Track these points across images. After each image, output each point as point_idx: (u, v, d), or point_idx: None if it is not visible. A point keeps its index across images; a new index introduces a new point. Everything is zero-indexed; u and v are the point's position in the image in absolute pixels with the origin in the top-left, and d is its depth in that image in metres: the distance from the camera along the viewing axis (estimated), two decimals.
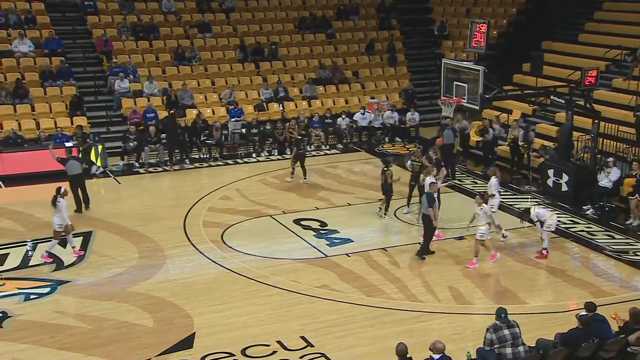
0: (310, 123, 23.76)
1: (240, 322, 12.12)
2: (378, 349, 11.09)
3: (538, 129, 21.82)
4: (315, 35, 28.27)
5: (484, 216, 14.22)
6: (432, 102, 25.27)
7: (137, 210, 17.73)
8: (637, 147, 18.56)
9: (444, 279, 13.92)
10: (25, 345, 11.39)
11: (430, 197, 14.55)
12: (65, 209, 14.60)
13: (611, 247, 15.46)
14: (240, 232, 16.25)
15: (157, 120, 22.63)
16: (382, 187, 16.95)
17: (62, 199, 14.55)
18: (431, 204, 14.47)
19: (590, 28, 25.78)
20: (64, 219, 14.55)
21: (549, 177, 18.69)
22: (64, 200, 14.60)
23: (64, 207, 14.58)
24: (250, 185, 19.90)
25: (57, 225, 14.53)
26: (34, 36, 24.61)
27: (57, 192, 14.61)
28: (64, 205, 14.60)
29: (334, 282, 13.66)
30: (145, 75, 24.46)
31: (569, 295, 13.28)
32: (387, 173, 16.71)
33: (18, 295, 13.17)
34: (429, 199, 14.50)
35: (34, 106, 22.64)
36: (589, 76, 17.98)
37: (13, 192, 19.38)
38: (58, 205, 14.47)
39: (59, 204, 14.47)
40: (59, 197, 14.51)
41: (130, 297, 13.04)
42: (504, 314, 9.89)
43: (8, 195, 19.07)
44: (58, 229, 14.55)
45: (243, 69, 26.02)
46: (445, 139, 20.27)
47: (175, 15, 27.22)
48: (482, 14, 28.80)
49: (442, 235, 15.76)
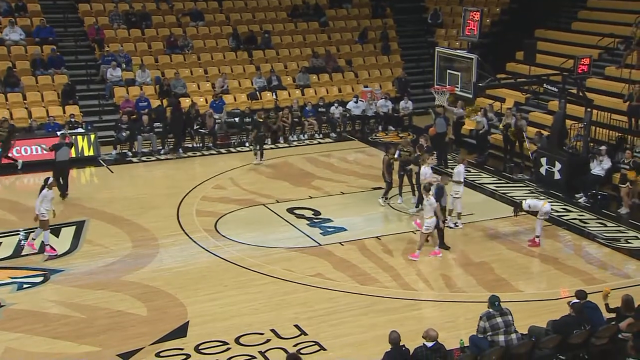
0: (304, 112, 23.72)
1: (234, 311, 12.13)
2: (372, 337, 11.13)
3: (531, 117, 21.85)
4: (309, 24, 28.16)
5: (430, 208, 13.87)
6: (426, 90, 25.22)
7: (130, 199, 17.69)
8: (631, 136, 18.60)
9: (437, 267, 13.97)
10: (19, 335, 11.39)
11: (440, 190, 14.41)
12: (47, 199, 14.20)
13: (603, 234, 15.53)
14: (234, 221, 16.25)
15: (150, 109, 22.57)
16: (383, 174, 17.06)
17: (46, 190, 14.25)
18: (439, 197, 14.27)
19: (583, 16, 25.76)
20: (42, 208, 14.12)
21: (542, 165, 18.73)
22: (47, 191, 14.25)
23: (42, 197, 14.16)
24: (243, 174, 19.87)
25: (41, 214, 14.22)
26: (25, 24, 24.44)
27: (45, 183, 14.46)
28: (45, 195, 14.19)
29: (327, 270, 13.69)
30: (138, 64, 24.33)
31: (561, 282, 13.34)
32: (384, 159, 16.76)
33: (11, 284, 13.15)
34: (438, 193, 14.31)
35: (26, 95, 22.51)
36: (582, 64, 18.01)
37: (4, 181, 19.29)
38: (40, 195, 14.22)
39: (41, 194, 14.21)
40: (45, 188, 14.33)
41: (124, 286, 13.04)
42: (497, 302, 9.93)
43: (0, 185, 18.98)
44: (42, 218, 14.27)
45: (236, 57, 25.92)
46: (438, 128, 20.28)
47: (167, 4, 27.06)
48: (476, 2, 28.69)
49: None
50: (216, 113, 22.73)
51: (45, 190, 14.31)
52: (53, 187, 14.71)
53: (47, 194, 14.30)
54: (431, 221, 13.94)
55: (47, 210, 14.27)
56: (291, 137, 23.11)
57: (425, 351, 9.20)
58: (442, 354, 9.32)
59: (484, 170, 20.08)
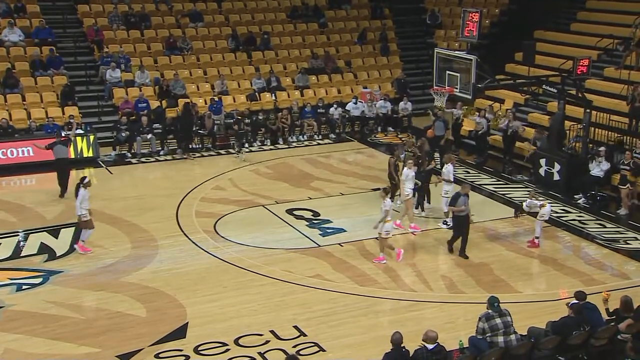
0: (303, 113, 23.72)
1: (233, 312, 12.13)
2: (371, 338, 11.13)
3: (530, 118, 21.87)
4: (308, 25, 28.17)
5: (387, 212, 13.71)
6: (425, 91, 25.25)
7: (129, 200, 17.68)
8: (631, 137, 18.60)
9: (436, 268, 13.98)
10: (18, 336, 11.38)
11: (456, 196, 14.26)
12: (85, 199, 14.25)
13: (602, 236, 15.53)
14: (233, 222, 16.24)
15: (149, 110, 22.57)
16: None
17: (83, 189, 14.28)
18: (453, 202, 14.30)
19: (582, 17, 25.78)
20: (79, 208, 14.25)
21: (541, 166, 18.74)
22: (84, 190, 14.29)
23: (83, 197, 14.24)
24: (243, 175, 19.87)
25: (82, 214, 14.30)
26: (24, 25, 24.44)
27: (81, 182, 14.42)
28: (83, 195, 14.26)
29: (326, 271, 13.69)
30: (137, 65, 24.33)
31: (560, 283, 13.35)
32: (389, 161, 16.78)
33: (10, 285, 13.14)
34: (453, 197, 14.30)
35: (25, 96, 22.51)
36: (581, 65, 18.02)
37: (4, 182, 19.27)
38: (78, 195, 14.26)
39: (79, 193, 14.26)
40: (80, 187, 14.32)
41: (123, 287, 13.03)
42: (497, 302, 9.93)
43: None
44: (85, 219, 14.35)
45: (235, 58, 25.92)
46: (436, 131, 20.32)
47: (166, 5, 27.07)
48: (475, 3, 28.76)
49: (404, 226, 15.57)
50: (215, 115, 22.73)
51: (82, 189, 14.28)
52: (89, 186, 14.57)
53: (85, 194, 14.30)
54: (389, 225, 13.80)
55: (87, 209, 14.28)
56: (290, 138, 23.12)
57: (425, 353, 9.20)
58: (442, 356, 9.32)
59: (484, 171, 20.09)
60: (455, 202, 14.17)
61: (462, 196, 14.12)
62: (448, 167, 15.82)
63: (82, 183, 14.39)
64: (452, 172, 15.91)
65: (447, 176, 15.71)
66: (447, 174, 15.75)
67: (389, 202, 13.75)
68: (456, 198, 14.19)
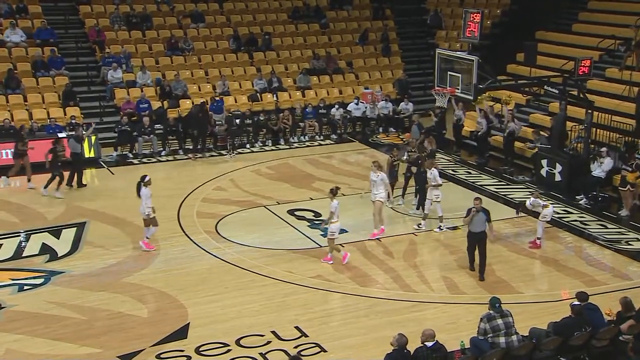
0: (304, 114, 23.73)
1: (234, 313, 12.14)
2: (372, 339, 11.14)
3: (532, 119, 21.86)
4: (309, 26, 28.18)
5: (336, 213, 13.68)
6: (426, 92, 25.25)
7: (131, 201, 17.61)
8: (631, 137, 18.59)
9: (437, 269, 13.97)
10: (19, 336, 11.39)
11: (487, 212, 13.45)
12: (148, 197, 14.30)
13: (604, 236, 15.52)
14: (235, 223, 16.25)
15: (151, 111, 22.58)
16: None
17: (144, 188, 14.31)
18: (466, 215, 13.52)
19: (584, 18, 25.77)
20: (143, 207, 14.32)
21: (542, 167, 18.73)
22: (146, 189, 14.33)
23: (146, 196, 14.29)
24: (244, 175, 19.87)
25: (145, 213, 14.37)
26: (26, 26, 24.47)
27: (141, 180, 14.44)
28: (146, 193, 14.31)
29: (328, 272, 13.69)
30: (138, 65, 24.35)
31: (562, 284, 13.34)
32: (387, 160, 16.80)
33: (11, 286, 13.15)
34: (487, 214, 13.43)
35: (26, 96, 22.52)
36: (583, 66, 18.00)
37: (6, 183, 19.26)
38: (141, 193, 14.30)
39: (141, 192, 14.30)
40: (142, 185, 14.34)
41: (125, 287, 13.04)
42: (498, 303, 9.93)
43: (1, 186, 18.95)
44: (146, 217, 14.39)
45: (236, 59, 25.93)
46: (412, 134, 20.46)
47: (168, 5, 27.08)
48: (476, 4, 28.74)
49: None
50: (217, 115, 22.73)
51: (144, 188, 14.30)
52: (150, 184, 14.53)
53: (147, 192, 14.32)
54: (335, 226, 13.78)
55: (150, 207, 14.32)
56: (292, 138, 23.13)
57: (425, 351, 9.22)
58: (442, 353, 9.33)
59: (485, 172, 20.08)
60: (466, 215, 13.54)
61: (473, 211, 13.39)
62: (433, 172, 15.55)
63: (143, 182, 14.40)
64: (438, 176, 15.60)
65: (434, 181, 15.51)
66: (433, 179, 15.53)
67: (335, 203, 13.73)
68: (468, 211, 13.55)
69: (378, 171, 15.02)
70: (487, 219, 13.41)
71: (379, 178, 14.94)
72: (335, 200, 13.76)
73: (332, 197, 13.80)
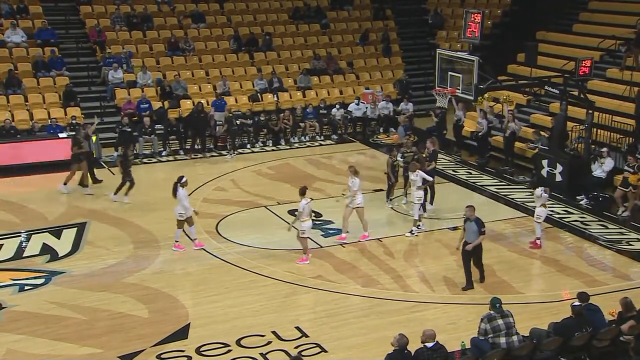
0: (305, 114, 23.73)
1: (235, 313, 12.14)
2: (373, 339, 11.14)
3: (532, 119, 21.86)
4: (310, 26, 28.18)
5: (304, 212, 13.70)
6: (427, 92, 25.25)
7: (131, 201, 17.67)
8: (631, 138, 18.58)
9: (438, 269, 13.96)
10: (20, 336, 11.39)
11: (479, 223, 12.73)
12: (185, 198, 14.36)
13: (605, 237, 15.51)
14: (235, 223, 16.26)
15: (152, 111, 22.59)
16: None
17: (181, 188, 14.34)
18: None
19: (585, 18, 25.75)
20: (185, 207, 14.33)
21: (543, 167, 18.72)
22: (183, 190, 14.36)
23: (184, 196, 14.33)
24: (244, 176, 19.88)
25: (178, 214, 14.37)
26: (27, 26, 24.47)
27: (178, 181, 14.45)
28: (183, 194, 14.35)
29: (328, 272, 13.69)
30: (139, 65, 24.36)
31: (562, 285, 13.34)
32: (387, 161, 16.76)
33: (12, 286, 13.15)
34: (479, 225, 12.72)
35: (27, 97, 22.53)
36: (583, 66, 17.99)
37: (7, 184, 19.29)
38: (178, 194, 14.32)
39: (178, 193, 14.32)
40: (178, 186, 14.36)
41: (125, 288, 13.04)
42: (499, 304, 9.93)
43: (2, 187, 18.97)
44: (179, 218, 14.39)
45: (237, 59, 25.93)
46: (399, 136, 20.46)
47: (168, 6, 27.09)
48: (477, 4, 28.72)
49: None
50: (218, 112, 22.73)
51: (180, 189, 14.32)
52: (186, 185, 14.60)
53: (183, 193, 14.35)
54: (307, 225, 13.79)
55: (188, 208, 14.36)
56: (292, 139, 23.13)
57: (426, 352, 9.22)
58: (442, 354, 9.33)
59: (485, 172, 20.08)
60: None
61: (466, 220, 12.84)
62: (418, 174, 15.28)
63: (180, 182, 14.42)
64: (422, 177, 15.32)
65: (418, 183, 15.34)
66: (417, 181, 15.37)
67: (303, 202, 13.74)
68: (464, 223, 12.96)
69: (354, 177, 14.79)
70: (479, 230, 12.65)
71: (354, 183, 14.68)
72: (304, 199, 13.76)
73: (301, 196, 13.82)
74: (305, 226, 13.83)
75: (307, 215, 13.78)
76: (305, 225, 13.81)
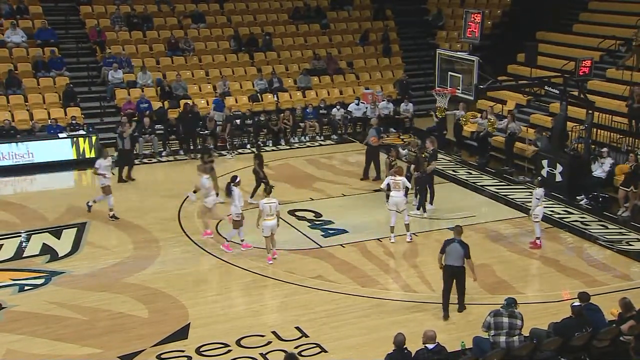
0: (305, 114, 23.73)
1: (235, 313, 12.14)
2: (373, 339, 11.13)
3: (532, 119, 21.86)
4: (310, 26, 28.18)
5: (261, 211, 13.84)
6: (427, 92, 25.24)
7: (131, 201, 17.68)
8: (631, 138, 18.59)
9: (438, 269, 13.89)
10: (20, 336, 11.39)
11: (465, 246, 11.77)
12: (239, 198, 14.34)
13: (605, 237, 15.51)
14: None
15: (152, 111, 22.58)
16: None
17: (235, 188, 14.34)
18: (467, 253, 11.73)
19: (585, 18, 25.75)
20: (238, 208, 14.32)
21: (543, 167, 18.72)
22: (237, 190, 14.36)
23: (238, 196, 14.31)
24: (245, 176, 19.76)
25: (234, 214, 14.36)
26: (27, 26, 24.47)
27: (232, 181, 14.46)
28: (238, 194, 14.33)
29: (329, 272, 13.69)
30: (139, 66, 24.36)
31: (562, 285, 13.33)
32: (385, 161, 16.77)
33: (12, 286, 13.15)
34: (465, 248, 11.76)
35: (27, 97, 22.53)
36: (583, 66, 17.98)
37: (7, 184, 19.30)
38: (232, 194, 14.33)
39: (232, 193, 14.32)
40: (232, 186, 14.36)
41: (125, 288, 13.04)
42: (513, 303, 9.92)
43: (1, 187, 18.98)
44: (236, 218, 14.38)
45: (237, 59, 25.93)
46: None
47: (168, 6, 27.08)
48: (477, 4, 28.73)
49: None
50: (218, 111, 22.70)
51: (235, 189, 14.35)
52: (239, 185, 14.61)
53: (238, 192, 14.37)
54: (268, 223, 13.80)
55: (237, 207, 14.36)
56: (292, 139, 23.13)
57: (426, 353, 9.20)
58: (443, 355, 9.33)
59: (486, 173, 20.08)
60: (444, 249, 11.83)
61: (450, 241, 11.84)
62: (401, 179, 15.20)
63: (234, 182, 14.43)
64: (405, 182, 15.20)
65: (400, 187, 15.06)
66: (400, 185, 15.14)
67: (262, 202, 13.84)
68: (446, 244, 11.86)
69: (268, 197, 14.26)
70: (464, 254, 11.62)
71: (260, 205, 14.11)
72: (264, 199, 13.87)
73: (264, 195, 14.03)
74: (266, 225, 13.81)
75: (267, 214, 13.76)
76: (266, 224, 13.80)
